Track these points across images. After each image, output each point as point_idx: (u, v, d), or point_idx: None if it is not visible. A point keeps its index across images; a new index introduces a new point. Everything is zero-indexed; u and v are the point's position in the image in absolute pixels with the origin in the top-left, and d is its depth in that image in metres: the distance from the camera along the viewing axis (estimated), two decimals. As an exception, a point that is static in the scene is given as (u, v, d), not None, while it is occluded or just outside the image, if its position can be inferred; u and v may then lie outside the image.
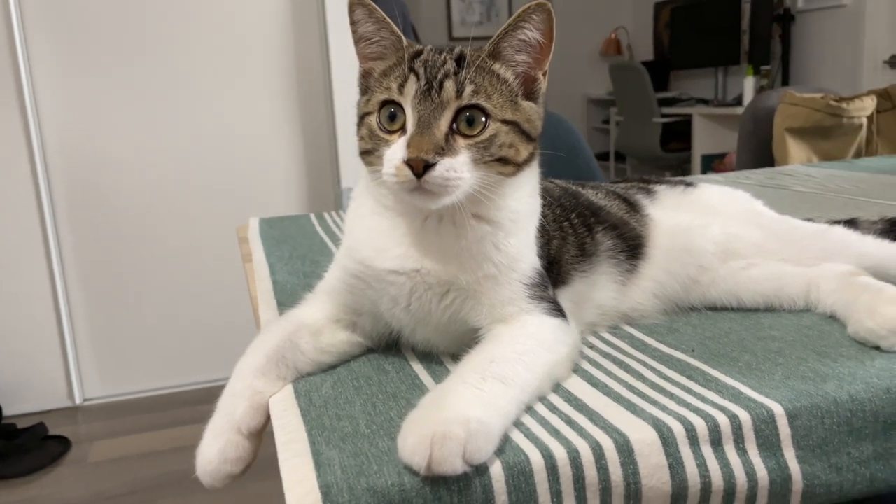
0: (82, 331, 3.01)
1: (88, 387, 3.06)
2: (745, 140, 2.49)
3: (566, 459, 0.56)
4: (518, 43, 0.69)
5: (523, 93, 0.70)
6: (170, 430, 2.80)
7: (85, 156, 2.89)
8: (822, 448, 0.62)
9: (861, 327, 0.74)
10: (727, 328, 0.81)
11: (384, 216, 0.72)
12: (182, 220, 3.03)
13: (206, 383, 3.13)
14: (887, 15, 4.26)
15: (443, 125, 0.66)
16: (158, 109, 2.93)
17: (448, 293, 0.71)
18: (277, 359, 0.71)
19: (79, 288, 2.97)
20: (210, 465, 0.64)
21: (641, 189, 0.96)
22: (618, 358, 0.75)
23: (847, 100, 2.34)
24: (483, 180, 0.67)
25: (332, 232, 1.44)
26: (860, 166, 1.91)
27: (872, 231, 0.96)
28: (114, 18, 2.83)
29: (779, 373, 0.69)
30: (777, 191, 1.64)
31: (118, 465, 2.58)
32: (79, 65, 2.82)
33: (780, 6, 4.96)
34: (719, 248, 0.87)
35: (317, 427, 0.61)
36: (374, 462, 0.56)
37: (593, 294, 0.82)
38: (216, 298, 3.09)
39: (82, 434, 2.82)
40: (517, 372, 0.63)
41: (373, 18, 0.70)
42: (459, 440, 0.53)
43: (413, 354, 0.77)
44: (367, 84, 0.72)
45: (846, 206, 1.43)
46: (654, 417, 0.61)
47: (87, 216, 2.94)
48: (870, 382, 0.65)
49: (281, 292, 1.03)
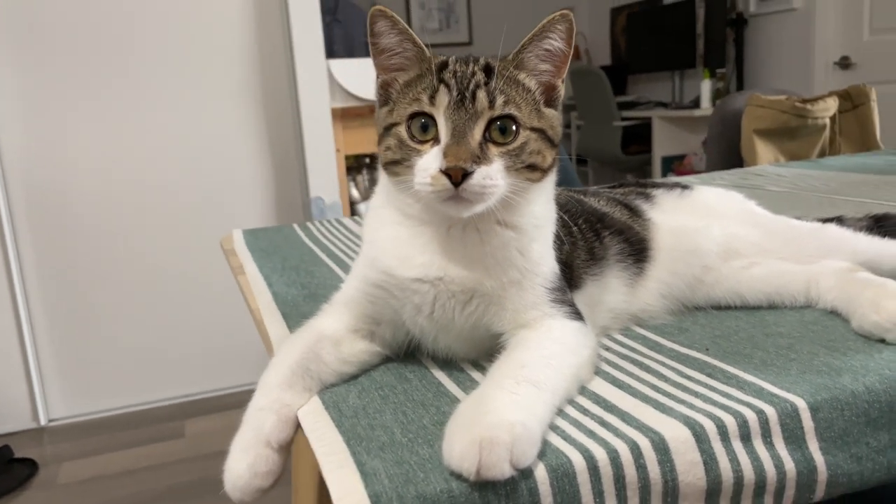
0: (45, 349, 2.93)
1: (54, 407, 2.98)
2: (714, 142, 2.56)
3: (606, 459, 0.58)
4: (542, 52, 0.71)
5: (545, 101, 0.72)
6: (141, 448, 2.74)
7: (45, 167, 2.82)
8: (843, 439, 0.64)
9: (866, 321, 0.76)
10: (735, 326, 0.84)
11: (406, 225, 0.73)
12: (147, 233, 2.97)
13: (176, 399, 3.08)
14: (836, 18, 4.41)
15: (477, 135, 0.67)
16: (120, 120, 2.87)
17: (472, 300, 0.71)
18: (302, 371, 0.70)
19: (41, 304, 2.89)
20: (241, 481, 0.64)
21: (640, 194, 0.98)
22: (636, 359, 0.76)
23: (811, 101, 2.42)
24: (513, 186, 0.69)
25: (320, 241, 1.43)
26: (826, 165, 1.98)
27: (859, 228, 0.99)
28: (75, 25, 2.76)
29: (794, 368, 0.71)
30: (752, 191, 1.68)
31: (89, 486, 2.51)
32: (40, 73, 2.75)
33: (732, 10, 5.10)
34: (721, 249, 0.90)
35: (353, 437, 0.61)
36: (419, 470, 0.56)
37: (604, 297, 0.84)
38: (183, 312, 3.04)
39: (49, 456, 2.74)
40: (548, 375, 0.64)
41: (396, 30, 0.70)
42: (506, 444, 0.54)
43: (433, 362, 0.77)
44: (388, 95, 0.73)
45: (821, 204, 1.47)
46: (685, 416, 0.62)
47: (48, 229, 2.86)
48: (882, 374, 0.68)
49: (282, 304, 1.02)
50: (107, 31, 2.80)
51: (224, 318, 2.94)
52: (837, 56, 4.40)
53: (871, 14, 4.20)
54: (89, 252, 2.91)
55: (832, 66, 4.43)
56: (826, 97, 2.43)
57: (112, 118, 2.86)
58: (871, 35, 4.22)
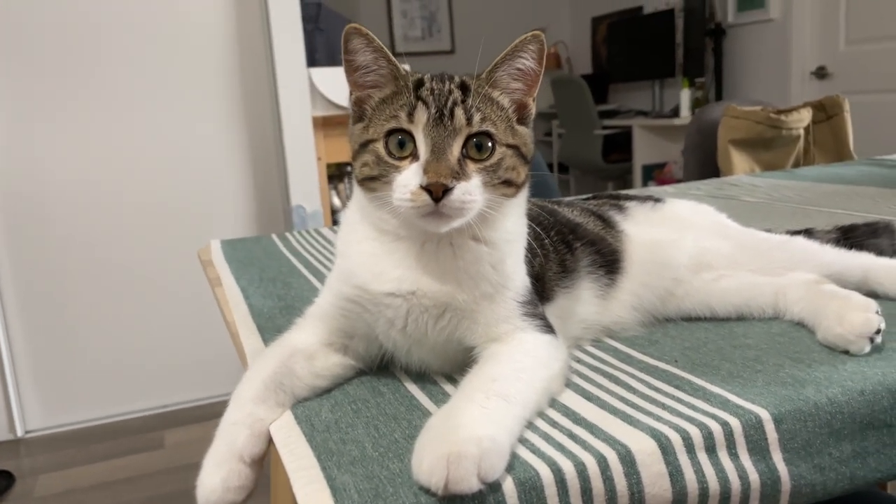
0: (22, 359, 2.90)
1: (30, 418, 2.95)
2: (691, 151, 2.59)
3: (574, 472, 0.58)
4: (515, 71, 0.72)
5: (517, 118, 0.73)
6: (119, 460, 2.72)
7: (22, 175, 2.80)
8: (806, 450, 0.66)
9: (830, 333, 0.78)
10: (704, 338, 0.85)
11: (380, 241, 0.74)
12: (127, 243, 2.95)
13: (154, 409, 3.06)
14: (813, 28, 4.48)
15: (455, 151, 0.69)
16: (100, 129, 2.86)
17: (444, 314, 0.72)
18: (275, 385, 0.71)
19: (17, 313, 2.87)
20: (214, 495, 0.64)
21: (613, 206, 1.00)
22: (607, 371, 0.77)
23: (786, 112, 2.46)
24: (490, 202, 0.70)
25: (299, 253, 1.43)
26: (801, 176, 2.00)
27: (827, 240, 1.01)
28: (56, 36, 2.75)
29: (760, 379, 0.72)
30: (727, 201, 1.71)
31: (66, 498, 2.49)
32: (16, 84, 2.74)
33: (711, 21, 5.16)
34: (692, 261, 0.91)
35: (325, 452, 0.62)
36: (389, 484, 0.56)
37: (576, 309, 0.85)
38: (163, 322, 3.03)
39: (26, 468, 2.71)
40: (518, 389, 0.65)
41: (371, 48, 0.71)
42: (474, 459, 0.55)
43: (406, 375, 0.78)
44: (363, 112, 0.73)
45: (794, 214, 1.50)
46: (651, 427, 0.63)
47: (25, 240, 2.84)
48: (845, 385, 0.69)
49: (258, 316, 1.02)
50: (85, 38, 2.79)
51: (203, 328, 2.93)
52: (814, 66, 4.47)
53: (846, 25, 4.28)
54: (67, 262, 2.89)
55: (808, 76, 4.50)
56: (800, 108, 2.46)
57: (90, 126, 2.84)
58: (847, 45, 4.30)
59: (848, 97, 2.57)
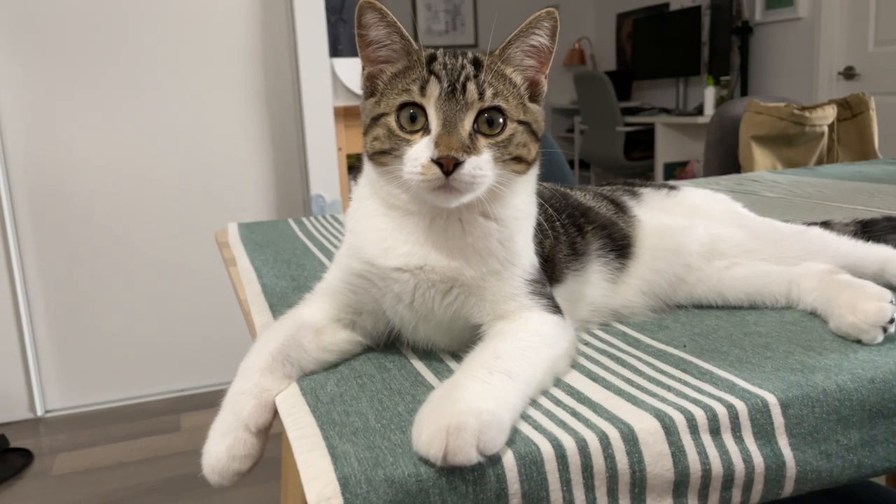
0: (44, 340, 2.95)
1: (50, 398, 2.99)
2: (713, 147, 2.56)
3: (575, 449, 0.58)
4: (528, 48, 0.72)
5: (529, 96, 0.73)
6: (135, 441, 2.76)
7: (46, 162, 2.84)
8: (812, 436, 0.65)
9: (843, 322, 0.77)
10: (714, 325, 0.84)
11: (389, 216, 0.74)
12: (147, 227, 2.98)
13: (172, 393, 3.09)
14: (842, 28, 4.42)
15: (467, 125, 0.69)
16: (124, 114, 2.89)
17: (451, 290, 0.72)
18: (283, 357, 0.71)
19: (40, 295, 2.91)
20: (219, 463, 0.65)
21: (627, 192, 0.99)
22: (613, 354, 0.77)
23: (810, 109, 2.42)
24: (500, 178, 0.70)
25: (314, 236, 1.44)
26: (823, 173, 1.98)
27: (846, 233, 1.00)
28: (79, 25, 2.78)
29: (768, 365, 0.71)
30: (746, 196, 1.69)
31: (83, 477, 2.53)
32: (42, 71, 2.77)
33: (738, 19, 5.10)
34: (704, 248, 0.90)
35: (328, 422, 0.62)
36: (389, 454, 0.57)
37: (586, 291, 0.85)
38: (182, 306, 3.06)
39: (45, 446, 2.75)
40: (521, 367, 0.65)
41: (384, 22, 0.71)
42: (473, 431, 0.55)
43: (413, 353, 0.78)
44: (375, 87, 0.74)
45: (813, 210, 1.48)
46: (656, 408, 0.63)
47: (49, 223, 2.88)
48: (855, 373, 0.69)
49: (270, 295, 1.03)
50: (110, 28, 2.82)
51: (221, 313, 2.96)
52: (842, 66, 4.41)
53: (876, 25, 4.21)
54: (89, 245, 2.93)
55: (836, 76, 4.44)
56: (825, 105, 2.43)
57: (114, 114, 2.88)
58: (876, 46, 4.23)
59: (875, 98, 2.53)
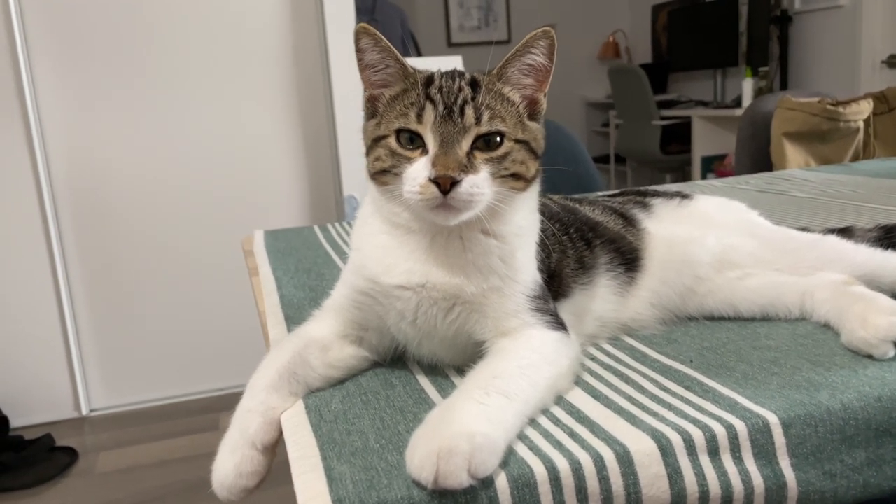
0: (88, 341, 3.03)
1: (95, 397, 3.08)
2: (744, 144, 2.51)
3: (569, 471, 0.59)
4: (525, 67, 0.73)
5: (528, 114, 0.74)
6: (177, 440, 2.82)
7: (88, 166, 2.91)
8: (816, 456, 0.64)
9: (854, 336, 0.76)
10: (724, 338, 0.84)
11: (392, 234, 0.75)
12: (186, 230, 3.05)
13: (212, 392, 3.15)
14: (884, 15, 4.28)
15: (464, 146, 0.70)
16: (161, 119, 2.95)
17: (454, 307, 0.73)
18: (289, 375, 0.73)
19: (84, 299, 3.00)
20: (227, 480, 0.67)
21: (637, 203, 0.99)
22: (619, 370, 0.77)
23: (844, 103, 2.36)
24: (498, 195, 0.71)
25: (336, 244, 1.46)
26: (858, 170, 1.93)
27: (867, 239, 0.98)
28: (116, 29, 2.85)
29: (774, 382, 0.71)
30: (776, 196, 1.66)
31: (126, 475, 2.60)
32: (81, 75, 2.84)
33: (777, 8, 4.98)
34: (716, 259, 0.89)
35: (328, 442, 0.63)
36: (384, 476, 0.58)
37: (593, 306, 0.85)
38: (221, 307, 3.11)
39: (89, 445, 2.84)
40: (520, 386, 0.65)
41: (378, 47, 0.72)
42: (465, 454, 0.55)
43: (419, 368, 0.79)
44: (376, 108, 0.75)
45: (843, 211, 1.44)
46: (653, 428, 0.63)
47: (91, 226, 2.96)
48: (862, 391, 0.67)
49: (288, 306, 1.05)
50: (146, 33, 2.89)
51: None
52: (885, 54, 4.27)
53: (921, 10, 4.07)
54: (131, 248, 3.01)
55: (879, 65, 4.30)
56: (860, 99, 2.36)
57: (151, 118, 2.94)
58: (921, 32, 4.09)
59: (920, 87, 2.45)
